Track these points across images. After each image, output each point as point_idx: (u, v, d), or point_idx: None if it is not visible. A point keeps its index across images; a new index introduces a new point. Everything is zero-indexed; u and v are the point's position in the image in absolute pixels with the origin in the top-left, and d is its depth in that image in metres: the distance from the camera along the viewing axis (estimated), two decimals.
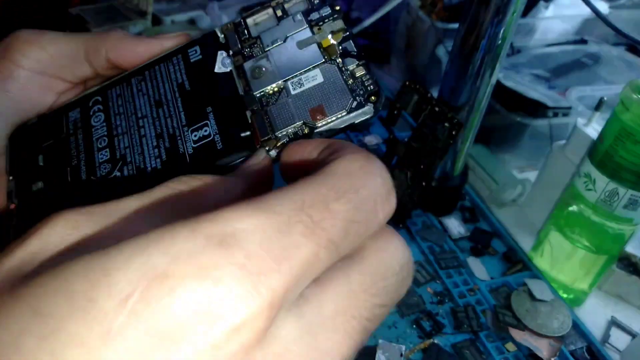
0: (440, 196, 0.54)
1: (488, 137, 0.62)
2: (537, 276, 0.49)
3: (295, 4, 0.23)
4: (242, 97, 0.22)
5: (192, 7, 0.80)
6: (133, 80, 0.25)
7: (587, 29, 0.77)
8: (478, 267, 0.50)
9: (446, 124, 0.46)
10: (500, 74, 0.62)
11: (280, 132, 0.21)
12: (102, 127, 0.24)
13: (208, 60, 0.24)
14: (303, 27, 0.23)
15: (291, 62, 0.22)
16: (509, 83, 0.62)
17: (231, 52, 0.24)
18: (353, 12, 0.90)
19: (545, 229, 0.50)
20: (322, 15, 0.23)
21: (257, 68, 0.23)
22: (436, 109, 0.47)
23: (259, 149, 0.21)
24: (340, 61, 0.22)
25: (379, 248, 0.16)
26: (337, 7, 0.23)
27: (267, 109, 0.22)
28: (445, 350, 0.42)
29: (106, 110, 0.25)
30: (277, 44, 0.23)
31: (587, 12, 0.55)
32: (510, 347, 0.43)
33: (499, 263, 0.51)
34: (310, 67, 0.22)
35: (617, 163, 0.41)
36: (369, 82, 0.21)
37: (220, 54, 0.24)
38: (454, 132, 0.45)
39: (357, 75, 0.21)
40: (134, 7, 0.74)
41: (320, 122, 0.21)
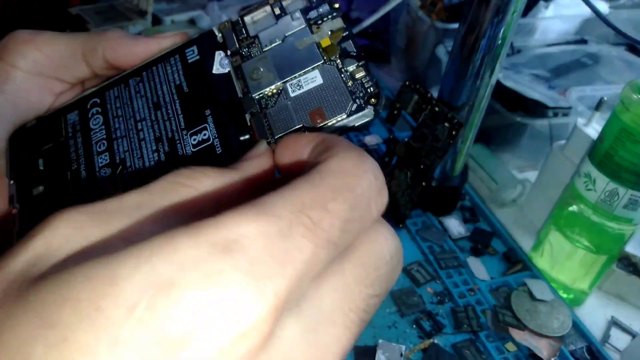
0: (440, 196, 0.54)
1: (488, 137, 0.62)
2: (537, 276, 0.49)
3: (294, 2, 0.23)
4: (240, 100, 0.22)
5: (192, 7, 0.80)
6: (131, 82, 0.25)
7: (587, 29, 0.77)
8: (478, 267, 0.50)
9: (446, 124, 0.46)
10: (500, 74, 0.62)
11: (279, 136, 0.21)
12: (100, 130, 0.24)
13: (206, 61, 0.23)
14: (301, 26, 0.22)
15: (290, 62, 0.22)
16: (509, 83, 0.62)
17: (229, 52, 0.23)
18: (353, 12, 0.90)
19: (545, 229, 0.50)
20: (320, 13, 0.22)
21: (256, 69, 0.22)
22: (436, 109, 0.47)
23: (260, 140, 0.20)
24: (340, 62, 0.21)
25: (369, 239, 0.16)
26: (336, 5, 0.22)
27: (267, 111, 0.21)
28: (445, 350, 0.42)
29: (104, 112, 0.25)
30: (275, 43, 0.23)
31: (587, 12, 0.55)
32: (510, 347, 0.43)
33: (499, 263, 0.51)
34: (309, 69, 0.21)
35: (617, 163, 0.41)
36: (369, 84, 0.21)
37: (218, 55, 0.23)
38: (454, 132, 0.45)
39: (356, 76, 0.21)
40: (133, 7, 0.74)
41: (320, 126, 0.20)
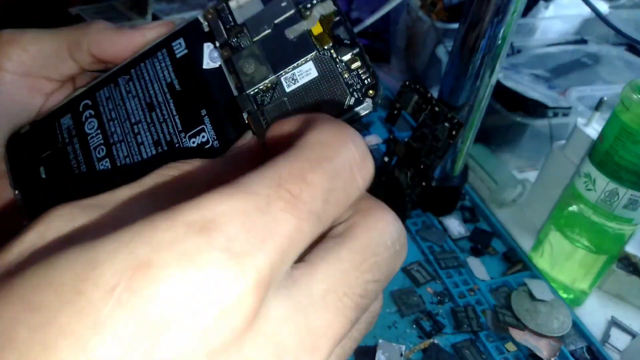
0: (440, 196, 0.54)
1: (488, 137, 0.62)
2: (537, 276, 0.49)
3: None
4: (236, 98, 0.21)
5: (192, 7, 0.80)
6: (120, 80, 0.24)
7: (587, 29, 0.77)
8: (478, 267, 0.50)
9: (446, 124, 0.46)
10: (500, 74, 0.62)
11: None
12: (97, 135, 0.24)
13: (195, 54, 0.23)
14: (290, 11, 0.21)
15: (282, 53, 0.21)
16: (509, 83, 0.62)
17: (217, 43, 0.22)
18: (353, 12, 0.90)
19: (545, 229, 0.50)
20: None
21: (247, 63, 0.21)
22: (436, 109, 0.47)
23: (246, 131, 0.20)
24: (334, 52, 0.20)
25: (368, 225, 0.16)
26: None
27: (264, 109, 0.21)
28: (445, 350, 0.42)
29: (98, 115, 0.24)
30: (265, 32, 0.21)
31: (587, 12, 0.55)
32: (510, 347, 0.43)
33: (499, 263, 0.51)
34: (302, 60, 0.21)
35: (617, 163, 0.41)
36: (365, 75, 0.20)
37: (207, 47, 0.22)
38: (454, 132, 0.45)
39: (352, 67, 0.20)
40: (133, 7, 0.74)
41: None
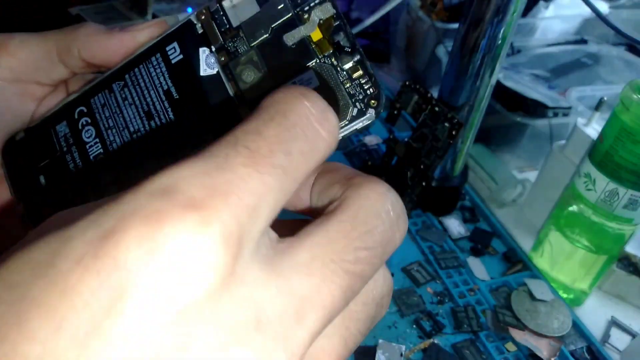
0: (440, 196, 0.54)
1: (488, 137, 0.62)
2: (537, 276, 0.49)
3: None
4: (238, 108, 0.21)
5: (192, 7, 0.80)
6: (115, 86, 0.23)
7: (587, 29, 0.77)
8: (478, 267, 0.50)
9: (446, 124, 0.46)
10: (500, 74, 0.62)
11: None
12: (95, 144, 0.24)
13: (191, 60, 0.22)
14: (288, 15, 0.20)
15: (281, 61, 0.20)
16: (509, 83, 0.62)
17: (213, 48, 0.21)
18: (353, 12, 0.90)
19: (545, 229, 0.50)
20: None
21: (246, 70, 0.21)
22: (436, 109, 0.47)
23: None
24: (335, 60, 0.20)
25: (360, 195, 0.15)
26: None
27: None
28: (445, 350, 0.42)
29: (95, 123, 0.24)
30: (262, 37, 0.21)
31: (587, 12, 0.55)
32: (510, 347, 0.43)
33: (499, 263, 0.51)
34: (303, 69, 0.20)
35: (617, 163, 0.41)
36: (368, 85, 0.19)
37: (203, 52, 0.22)
38: (454, 132, 0.45)
39: (354, 76, 0.19)
40: (133, 7, 0.74)
41: None
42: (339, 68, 0.20)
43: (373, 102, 0.19)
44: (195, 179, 0.12)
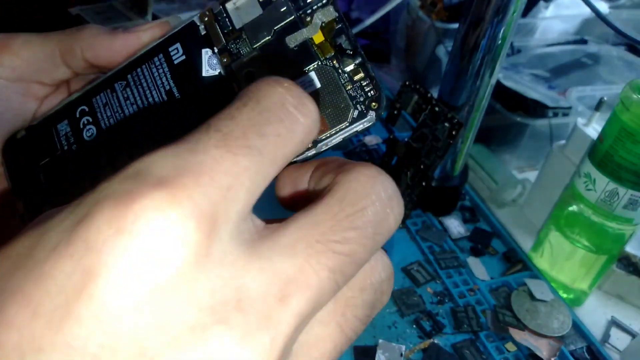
0: (440, 196, 0.54)
1: (488, 137, 0.62)
2: (537, 276, 0.49)
3: None
4: None
5: (192, 7, 0.80)
6: (117, 86, 0.24)
7: (587, 29, 0.77)
8: (478, 267, 0.50)
9: (446, 124, 0.46)
10: (500, 74, 0.62)
11: None
12: (98, 144, 0.24)
13: (193, 60, 0.22)
14: (290, 17, 0.20)
15: (283, 63, 0.21)
16: (509, 83, 0.62)
17: (216, 49, 0.22)
18: (353, 12, 0.90)
19: (545, 229, 0.50)
20: (307, 2, 0.20)
21: (249, 73, 0.21)
22: (436, 109, 0.47)
23: None
24: (336, 63, 0.20)
25: (349, 179, 0.15)
26: None
27: None
28: (445, 350, 0.42)
29: (96, 122, 0.24)
30: (264, 39, 0.21)
31: (587, 12, 0.55)
32: (510, 347, 0.43)
33: (499, 263, 0.51)
34: (305, 71, 0.20)
35: (617, 163, 0.41)
36: (369, 87, 0.19)
37: (205, 53, 0.22)
38: (454, 132, 0.45)
39: (355, 79, 0.20)
40: (133, 6, 0.74)
41: (323, 135, 0.19)
42: (340, 70, 0.20)
43: (374, 104, 0.19)
44: (166, 161, 0.12)
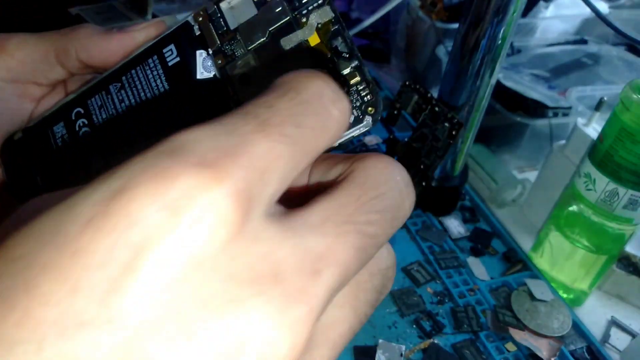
0: (440, 196, 0.54)
1: (488, 137, 0.62)
2: (537, 276, 0.49)
3: None
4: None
5: (192, 7, 0.80)
6: (111, 88, 0.23)
7: (587, 29, 0.77)
8: (478, 267, 0.50)
9: (446, 124, 0.46)
10: (500, 74, 0.62)
11: None
12: (94, 146, 0.23)
13: (187, 62, 0.22)
14: (285, 18, 0.20)
15: (278, 66, 0.20)
16: (509, 83, 0.62)
17: (210, 51, 0.21)
18: (353, 12, 0.90)
19: (545, 229, 0.50)
20: (303, 2, 0.20)
21: (244, 76, 0.20)
22: (436, 109, 0.47)
23: None
24: (333, 67, 0.19)
25: (366, 166, 0.16)
26: None
27: None
28: (445, 350, 0.42)
29: (91, 124, 0.24)
30: (259, 41, 0.20)
31: (587, 12, 0.55)
32: (510, 347, 0.43)
33: (499, 263, 0.51)
34: None
35: (617, 163, 0.41)
36: (365, 92, 0.19)
37: (200, 55, 0.21)
38: (454, 132, 0.45)
39: (351, 83, 0.19)
40: (133, 7, 0.74)
41: None
42: (336, 74, 0.19)
43: (370, 109, 0.19)
44: (204, 141, 0.12)
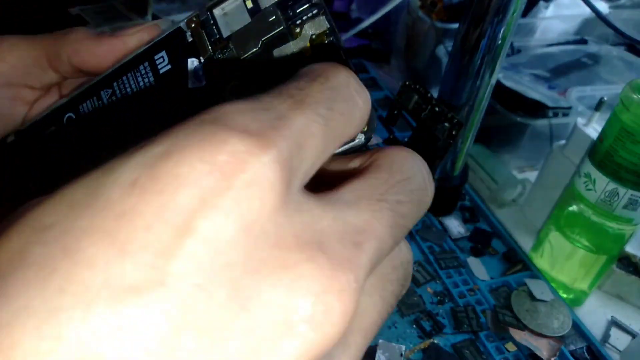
0: (440, 196, 0.54)
1: (488, 137, 0.62)
2: (537, 276, 0.49)
3: None
4: None
5: (192, 7, 0.80)
6: (103, 94, 0.23)
7: (587, 29, 0.77)
8: (478, 267, 0.50)
9: (446, 124, 0.46)
10: (500, 74, 0.62)
11: None
12: (84, 151, 0.23)
13: (179, 71, 0.21)
14: (279, 28, 0.19)
15: (271, 76, 0.19)
16: (509, 83, 0.62)
17: (202, 59, 0.20)
18: (353, 12, 0.90)
19: (545, 229, 0.50)
20: (297, 11, 0.19)
21: (236, 86, 0.20)
22: (436, 109, 0.47)
23: None
24: None
25: (389, 154, 0.16)
26: None
27: None
28: (445, 350, 0.42)
29: (84, 131, 0.23)
30: (251, 50, 0.20)
31: (587, 12, 0.55)
32: (510, 347, 0.43)
33: (499, 263, 0.51)
34: None
35: (617, 163, 0.41)
36: None
37: (192, 63, 0.21)
38: (454, 132, 0.45)
39: None
40: (133, 7, 0.74)
41: None
42: None
43: (364, 127, 0.18)
44: (245, 113, 0.12)
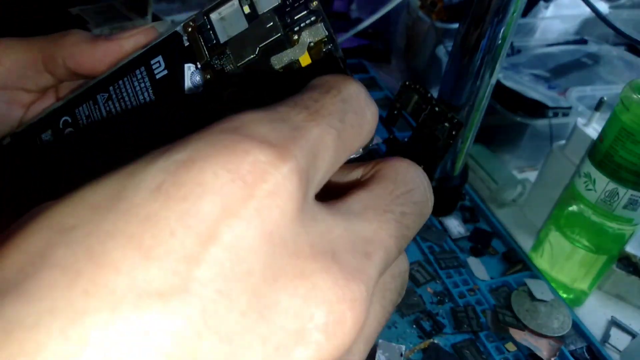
0: (440, 196, 0.54)
1: (488, 137, 0.62)
2: (537, 276, 0.49)
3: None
4: None
5: (192, 7, 0.80)
6: (99, 98, 0.23)
7: (587, 29, 0.77)
8: (478, 267, 0.50)
9: (446, 124, 0.46)
10: (500, 74, 0.62)
11: None
12: (81, 155, 0.23)
13: (176, 76, 0.21)
14: (276, 35, 0.19)
15: (268, 84, 0.19)
16: (509, 83, 0.62)
17: (199, 65, 0.20)
18: (353, 12, 0.90)
19: (545, 229, 0.50)
20: (295, 19, 0.18)
21: (233, 93, 0.20)
22: (436, 109, 0.47)
23: None
24: None
25: (392, 165, 0.16)
26: (313, 2, 0.18)
27: None
28: (445, 350, 0.42)
29: (79, 134, 0.23)
30: (248, 57, 0.19)
31: (587, 12, 0.55)
32: (510, 347, 0.43)
33: (499, 263, 0.51)
34: (289, 95, 0.19)
35: (617, 163, 0.41)
36: None
37: (188, 69, 0.20)
38: (454, 132, 0.45)
39: None
40: (134, 7, 0.74)
41: None
42: None
43: None
44: (263, 123, 0.13)
